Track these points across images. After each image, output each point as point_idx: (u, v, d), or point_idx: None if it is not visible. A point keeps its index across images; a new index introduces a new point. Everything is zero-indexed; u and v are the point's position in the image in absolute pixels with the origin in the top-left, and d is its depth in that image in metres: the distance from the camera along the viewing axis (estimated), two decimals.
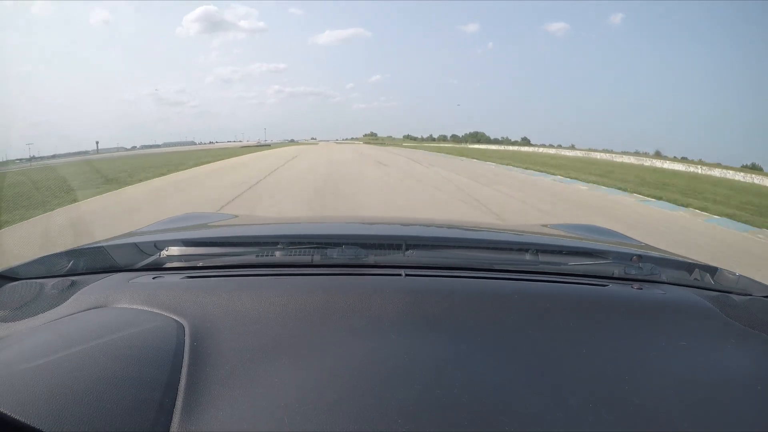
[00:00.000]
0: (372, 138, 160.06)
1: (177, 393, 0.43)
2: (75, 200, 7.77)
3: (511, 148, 52.62)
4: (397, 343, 0.53)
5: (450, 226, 1.36)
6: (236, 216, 1.54)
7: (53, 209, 6.83)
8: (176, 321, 0.56)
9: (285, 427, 0.39)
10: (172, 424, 0.39)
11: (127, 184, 10.83)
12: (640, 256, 0.87)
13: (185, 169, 16.01)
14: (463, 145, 66.14)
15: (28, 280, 0.72)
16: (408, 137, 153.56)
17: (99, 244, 0.88)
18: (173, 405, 0.41)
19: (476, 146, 61.91)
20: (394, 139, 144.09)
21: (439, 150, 35.03)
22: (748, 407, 0.47)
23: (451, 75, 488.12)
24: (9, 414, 0.35)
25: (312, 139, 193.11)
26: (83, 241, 1.00)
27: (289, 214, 6.26)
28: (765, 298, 0.74)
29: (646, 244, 1.22)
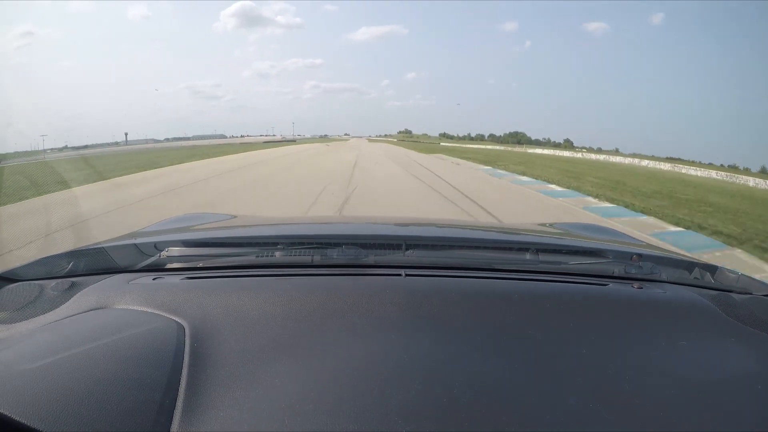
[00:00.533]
0: (407, 135, 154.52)
1: (177, 394, 0.43)
2: None
3: (600, 157, 42.24)
4: (397, 343, 0.53)
5: (450, 226, 1.37)
6: (236, 216, 1.51)
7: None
8: (176, 322, 0.56)
9: (285, 427, 0.40)
10: (172, 424, 0.40)
11: None
12: (640, 255, 0.87)
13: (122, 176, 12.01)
14: (523, 150, 57.37)
15: (29, 282, 0.72)
16: (444, 136, 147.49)
17: (99, 245, 0.88)
18: (173, 406, 0.42)
19: (539, 151, 53.18)
20: (429, 137, 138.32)
21: (498, 159, 21.78)
22: (748, 406, 0.47)
23: (489, 73, 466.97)
24: (9, 415, 0.36)
25: (345, 134, 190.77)
26: None
27: None
28: (765, 297, 0.73)
29: (647, 243, 1.21)
